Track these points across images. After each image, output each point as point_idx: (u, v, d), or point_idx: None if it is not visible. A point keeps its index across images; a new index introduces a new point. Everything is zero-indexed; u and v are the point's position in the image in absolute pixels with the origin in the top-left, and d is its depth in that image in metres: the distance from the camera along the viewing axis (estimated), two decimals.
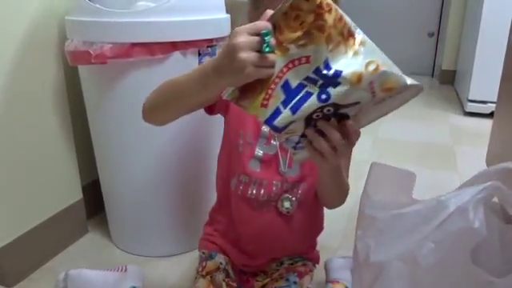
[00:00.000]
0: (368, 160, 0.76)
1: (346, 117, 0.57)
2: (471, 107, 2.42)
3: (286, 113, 0.55)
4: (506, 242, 0.59)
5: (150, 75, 0.99)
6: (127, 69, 0.98)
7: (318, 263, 0.99)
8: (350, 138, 0.58)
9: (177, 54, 0.98)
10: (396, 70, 0.54)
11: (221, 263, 0.90)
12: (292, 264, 0.93)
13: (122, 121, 1.05)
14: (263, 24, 0.54)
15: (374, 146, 1.98)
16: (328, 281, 0.99)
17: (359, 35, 0.56)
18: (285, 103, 0.55)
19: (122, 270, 0.99)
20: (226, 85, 0.57)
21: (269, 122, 0.56)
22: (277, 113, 0.56)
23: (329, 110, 0.55)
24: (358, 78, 0.53)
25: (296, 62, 0.55)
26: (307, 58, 0.54)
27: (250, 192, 0.84)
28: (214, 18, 1.05)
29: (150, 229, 1.16)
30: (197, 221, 1.06)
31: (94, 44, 0.94)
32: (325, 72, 0.53)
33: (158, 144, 1.06)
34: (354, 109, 0.56)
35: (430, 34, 3.47)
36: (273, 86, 0.55)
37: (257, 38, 0.53)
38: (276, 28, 0.54)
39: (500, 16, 2.25)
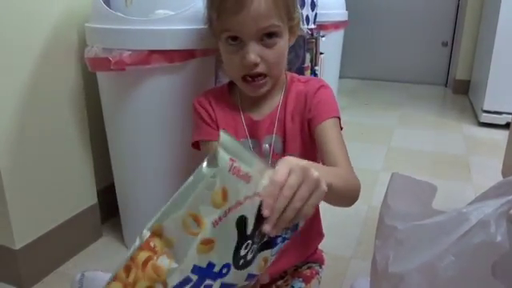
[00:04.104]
0: (381, 169, 0.75)
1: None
2: (486, 118, 2.40)
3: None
4: None
5: (167, 82, 1.00)
6: (145, 75, 0.99)
7: (323, 264, 0.97)
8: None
9: (194, 62, 0.99)
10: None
11: None
12: (296, 269, 0.92)
13: (138, 127, 1.06)
14: None
15: (387, 156, 1.97)
16: None
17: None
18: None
19: None
20: None
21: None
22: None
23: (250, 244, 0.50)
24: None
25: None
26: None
27: None
28: None
29: None
30: None
31: (113, 51, 0.96)
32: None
33: (172, 150, 1.07)
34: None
35: (444, 44, 3.46)
36: None
37: None
38: None
39: None
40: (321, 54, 1.83)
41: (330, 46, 2.22)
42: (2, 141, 0.98)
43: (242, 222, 0.47)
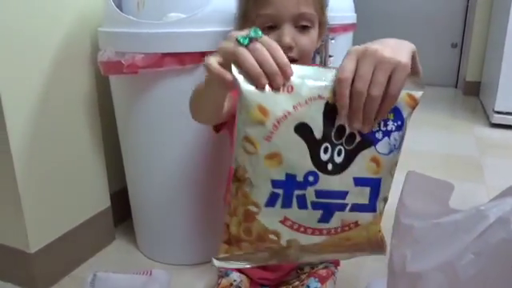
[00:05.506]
0: None
1: None
2: (497, 119, 2.38)
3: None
4: None
5: (179, 85, 1.00)
6: (157, 78, 1.00)
7: (338, 265, 0.97)
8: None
9: None
10: None
11: (234, 280, 0.90)
12: (313, 268, 0.92)
13: (151, 130, 1.07)
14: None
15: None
16: None
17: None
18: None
19: (147, 273, 1.00)
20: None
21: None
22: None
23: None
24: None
25: None
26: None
27: None
28: None
29: (176, 237, 1.17)
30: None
31: (126, 54, 0.97)
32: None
33: (185, 153, 1.07)
34: None
35: (454, 45, 3.44)
36: None
37: None
38: None
39: None
40: (330, 56, 1.83)
41: (339, 48, 2.22)
42: (15, 145, 0.99)
43: (303, 128, 0.48)
